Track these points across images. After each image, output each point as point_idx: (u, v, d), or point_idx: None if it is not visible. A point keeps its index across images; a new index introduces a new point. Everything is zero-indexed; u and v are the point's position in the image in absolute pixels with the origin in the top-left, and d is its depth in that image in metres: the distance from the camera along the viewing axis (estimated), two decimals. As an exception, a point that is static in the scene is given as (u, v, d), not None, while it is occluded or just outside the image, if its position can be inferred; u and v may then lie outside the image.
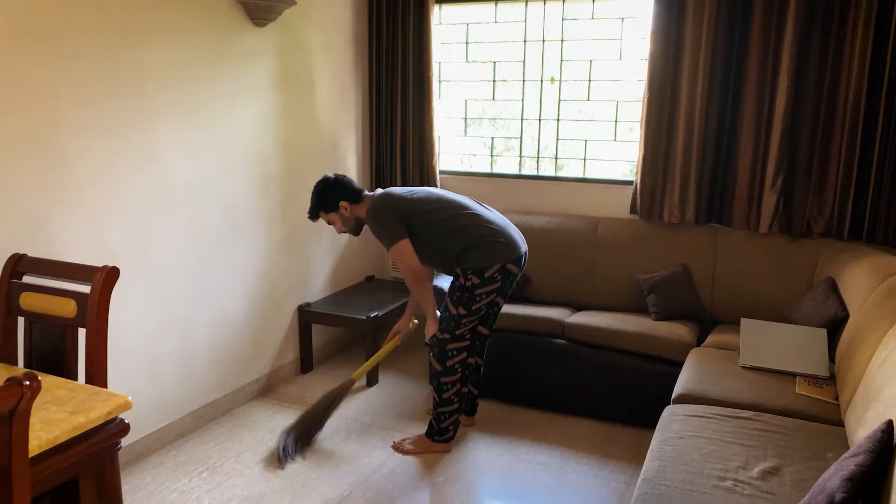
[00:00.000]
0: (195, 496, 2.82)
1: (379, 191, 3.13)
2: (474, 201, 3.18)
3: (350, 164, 4.36)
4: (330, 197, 3.09)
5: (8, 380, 1.33)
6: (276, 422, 3.45)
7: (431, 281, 3.24)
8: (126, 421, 1.88)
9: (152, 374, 3.09)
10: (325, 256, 4.22)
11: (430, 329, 3.12)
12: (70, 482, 1.83)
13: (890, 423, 1.87)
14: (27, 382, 1.33)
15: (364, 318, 3.78)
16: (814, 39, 3.37)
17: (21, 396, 1.33)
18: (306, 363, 4.05)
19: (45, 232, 2.58)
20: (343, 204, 3.09)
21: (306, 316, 3.97)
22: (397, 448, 3.18)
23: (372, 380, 3.89)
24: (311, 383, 3.92)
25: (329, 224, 3.19)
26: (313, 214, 3.15)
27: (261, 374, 3.76)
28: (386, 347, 3.38)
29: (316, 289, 4.16)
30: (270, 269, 3.76)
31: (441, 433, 3.15)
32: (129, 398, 1.85)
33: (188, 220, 3.20)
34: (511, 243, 3.03)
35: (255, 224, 3.61)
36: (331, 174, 3.17)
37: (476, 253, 2.98)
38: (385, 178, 4.49)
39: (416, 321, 3.44)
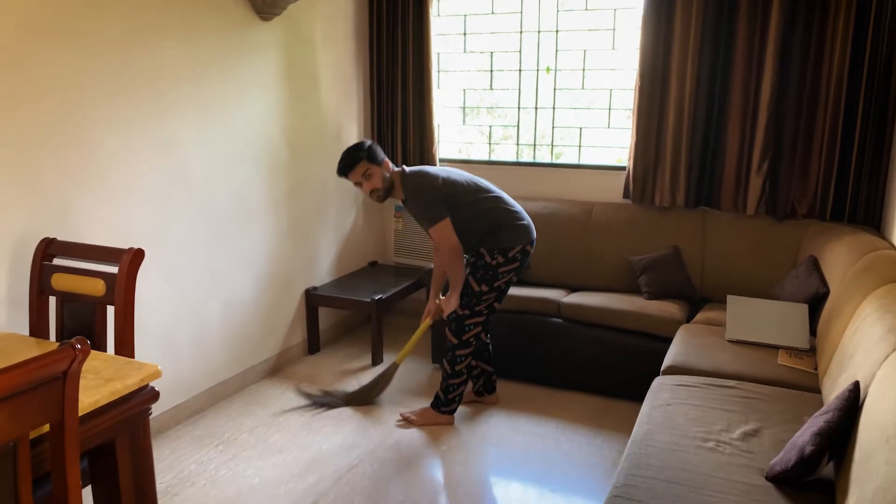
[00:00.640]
0: (212, 466, 3.00)
1: (407, 168, 3.24)
2: (491, 184, 3.34)
3: (353, 153, 4.51)
4: (376, 153, 3.16)
5: (61, 343, 1.49)
6: (286, 399, 3.62)
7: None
8: (156, 388, 2.04)
9: (170, 353, 3.26)
10: (330, 242, 4.38)
11: (453, 304, 3.25)
12: (105, 447, 2.00)
13: (857, 383, 2.04)
14: (79, 346, 1.49)
15: (369, 300, 3.95)
16: (797, 30, 3.52)
17: (74, 358, 1.49)
18: (313, 344, 4.22)
19: (69, 216, 2.74)
20: (387, 162, 3.18)
21: (313, 299, 4.14)
22: (404, 420, 3.35)
23: (377, 359, 4.06)
24: (318, 363, 4.09)
25: (363, 180, 3.14)
26: (352, 165, 3.11)
27: (270, 355, 3.93)
28: (420, 329, 3.51)
29: (322, 273, 4.32)
30: (279, 253, 3.92)
31: (447, 404, 3.32)
32: (159, 367, 2.02)
33: (202, 206, 3.36)
34: (529, 226, 3.27)
35: (264, 211, 3.77)
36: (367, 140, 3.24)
37: (502, 234, 3.17)
38: (387, 166, 4.64)
39: (443, 298, 3.58)
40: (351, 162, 3.12)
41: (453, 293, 3.25)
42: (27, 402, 1.45)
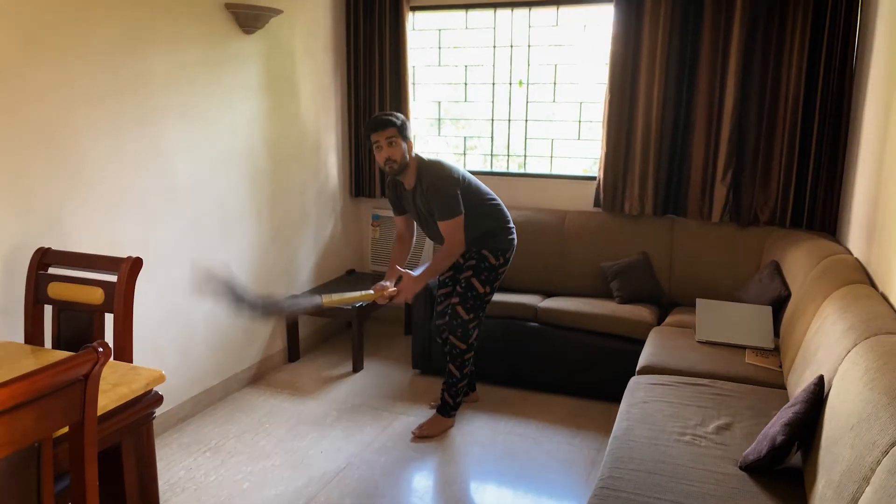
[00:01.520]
0: (202, 472, 3.04)
1: (423, 156, 3.26)
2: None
3: (331, 162, 4.60)
4: (407, 129, 3.17)
5: (83, 346, 1.55)
6: (269, 406, 3.67)
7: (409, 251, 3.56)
8: (160, 393, 2.10)
9: (156, 361, 3.28)
10: (309, 250, 4.45)
11: (414, 290, 3.27)
12: (110, 450, 2.05)
13: (821, 377, 2.20)
14: (101, 349, 1.55)
15: (350, 307, 4.02)
16: (757, 47, 3.73)
17: (96, 361, 1.55)
18: (293, 352, 4.27)
19: (60, 225, 2.77)
20: (411, 143, 3.20)
21: (293, 307, 4.20)
22: (420, 436, 3.33)
23: (357, 366, 4.13)
24: (298, 371, 4.15)
25: (385, 144, 3.12)
26: (384, 125, 3.11)
27: (252, 363, 3.97)
28: (363, 295, 3.32)
29: (301, 281, 4.39)
30: (260, 261, 3.98)
31: (455, 407, 3.44)
32: (163, 372, 2.08)
33: (188, 213, 3.41)
34: (514, 228, 3.48)
35: (246, 219, 3.83)
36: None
37: (501, 237, 3.34)
38: (363, 175, 4.74)
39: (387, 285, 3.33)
40: (384, 123, 3.12)
41: (419, 280, 3.25)
42: (52, 403, 1.51)
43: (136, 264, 2.34)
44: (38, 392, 1.46)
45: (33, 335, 2.46)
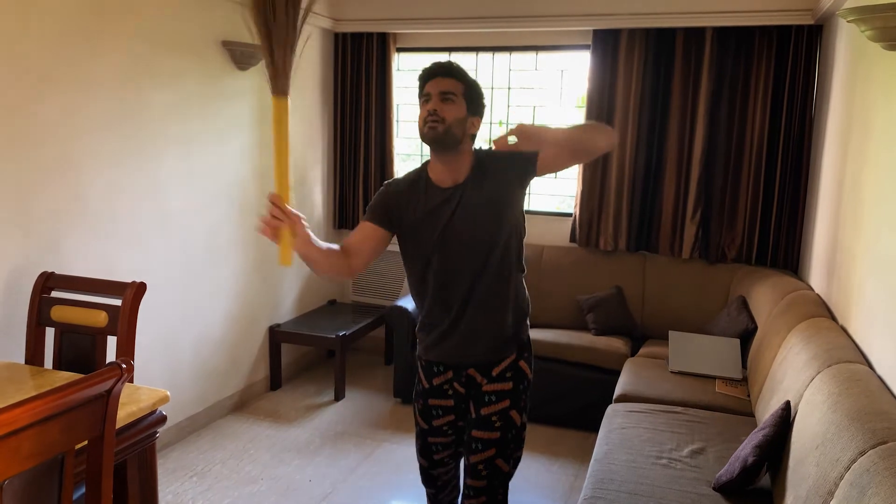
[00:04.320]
0: (189, 497, 3.08)
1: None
2: None
3: (316, 195, 4.72)
4: (480, 99, 2.16)
5: (109, 363, 1.64)
6: (253, 433, 3.72)
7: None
8: (164, 413, 2.17)
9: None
10: (292, 281, 4.53)
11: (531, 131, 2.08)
12: (115, 469, 2.11)
13: (788, 403, 2.37)
14: (124, 366, 1.64)
15: (334, 336, 4.11)
16: (724, 97, 3.99)
17: (120, 377, 1.64)
18: (276, 380, 4.33)
19: (58, 249, 2.84)
20: (479, 121, 2.17)
21: (277, 336, 4.27)
22: None
23: (339, 394, 4.20)
24: (281, 399, 4.20)
25: (438, 99, 2.08)
26: (449, 74, 2.13)
27: (235, 391, 4.02)
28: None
29: (284, 311, 4.46)
30: (246, 290, 4.05)
31: None
32: (168, 392, 2.15)
33: (180, 242, 3.50)
34: None
35: (234, 249, 3.92)
36: None
37: (527, 327, 2.39)
38: (347, 208, 4.86)
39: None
40: (448, 71, 2.13)
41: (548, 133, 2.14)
42: (76, 417, 1.58)
43: (140, 289, 2.42)
44: (66, 405, 1.54)
45: (34, 357, 2.51)
